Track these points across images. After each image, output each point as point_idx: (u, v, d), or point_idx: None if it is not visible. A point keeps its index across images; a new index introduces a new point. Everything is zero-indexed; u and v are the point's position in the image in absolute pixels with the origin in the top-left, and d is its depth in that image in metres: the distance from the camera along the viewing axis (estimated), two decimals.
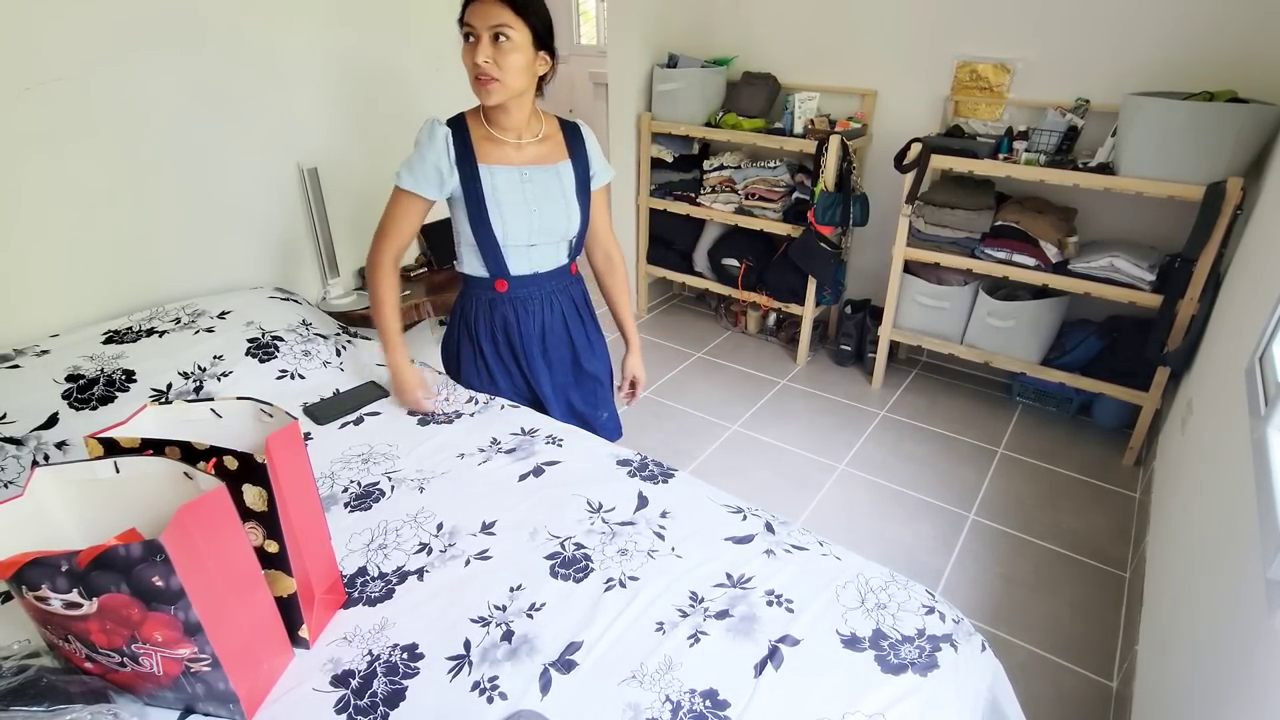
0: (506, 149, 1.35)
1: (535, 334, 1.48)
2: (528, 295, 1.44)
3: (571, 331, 1.52)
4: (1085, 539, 2.08)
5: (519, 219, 1.35)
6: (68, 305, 1.60)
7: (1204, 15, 2.19)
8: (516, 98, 1.30)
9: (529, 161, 1.37)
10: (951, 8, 2.62)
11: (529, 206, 1.36)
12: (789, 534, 1.18)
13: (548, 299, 1.47)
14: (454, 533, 1.17)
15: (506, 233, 1.36)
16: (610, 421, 1.66)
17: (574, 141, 1.43)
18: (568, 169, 1.41)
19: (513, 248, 1.38)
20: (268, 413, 0.99)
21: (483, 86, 1.25)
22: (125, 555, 0.74)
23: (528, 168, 1.36)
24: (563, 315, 1.50)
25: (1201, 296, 2.11)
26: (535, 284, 1.44)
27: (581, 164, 1.42)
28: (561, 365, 1.55)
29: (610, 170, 1.50)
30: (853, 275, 3.15)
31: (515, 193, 1.34)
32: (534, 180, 1.36)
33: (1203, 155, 2.02)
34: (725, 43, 3.21)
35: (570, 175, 1.41)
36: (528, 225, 1.36)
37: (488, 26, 1.22)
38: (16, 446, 1.25)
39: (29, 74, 1.43)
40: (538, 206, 1.37)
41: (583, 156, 1.43)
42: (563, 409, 1.58)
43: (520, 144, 1.36)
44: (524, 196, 1.35)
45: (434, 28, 2.20)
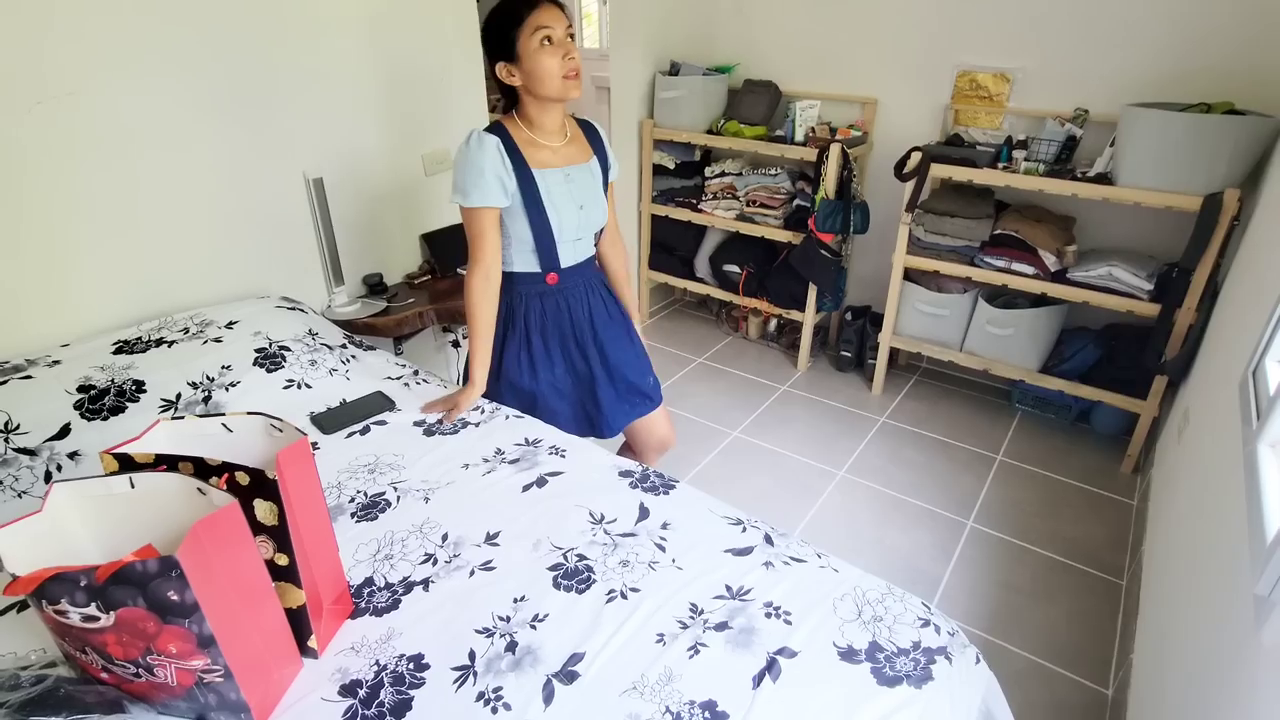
0: (545, 152, 1.42)
1: (586, 319, 1.57)
2: (574, 284, 1.54)
3: (610, 311, 1.62)
4: (1083, 546, 2.10)
5: (571, 215, 1.45)
6: (77, 315, 1.62)
7: (1202, 28, 2.21)
8: (562, 103, 1.41)
9: (567, 162, 1.45)
10: (952, 17, 2.64)
11: (576, 203, 1.45)
12: (788, 546, 1.20)
13: (589, 285, 1.57)
14: (459, 543, 1.19)
15: (562, 229, 1.44)
16: (657, 385, 1.74)
17: (594, 139, 1.53)
18: (596, 166, 1.50)
19: (564, 242, 1.48)
20: (278, 427, 1.02)
21: (575, 81, 1.35)
22: (142, 570, 0.77)
23: (569, 168, 1.45)
24: (601, 298, 1.61)
25: (1199, 306, 2.13)
26: (579, 273, 1.54)
27: (603, 160, 1.53)
28: (617, 343, 1.62)
29: (618, 164, 1.59)
30: (853, 282, 3.17)
31: (564, 192, 1.43)
32: (575, 179, 1.45)
33: (1200, 166, 2.04)
34: (727, 50, 3.23)
35: (599, 171, 1.51)
36: (577, 220, 1.46)
37: (564, 29, 1.32)
38: (30, 457, 1.28)
39: (40, 88, 1.45)
40: (584, 202, 1.47)
41: (603, 153, 1.53)
42: (620, 387, 1.63)
43: (555, 146, 1.43)
44: (570, 194, 1.44)
45: (440, 38, 2.23)
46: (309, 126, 1.95)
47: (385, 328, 2.05)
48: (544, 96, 1.37)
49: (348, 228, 2.11)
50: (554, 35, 1.31)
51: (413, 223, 2.33)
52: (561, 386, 1.60)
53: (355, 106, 2.05)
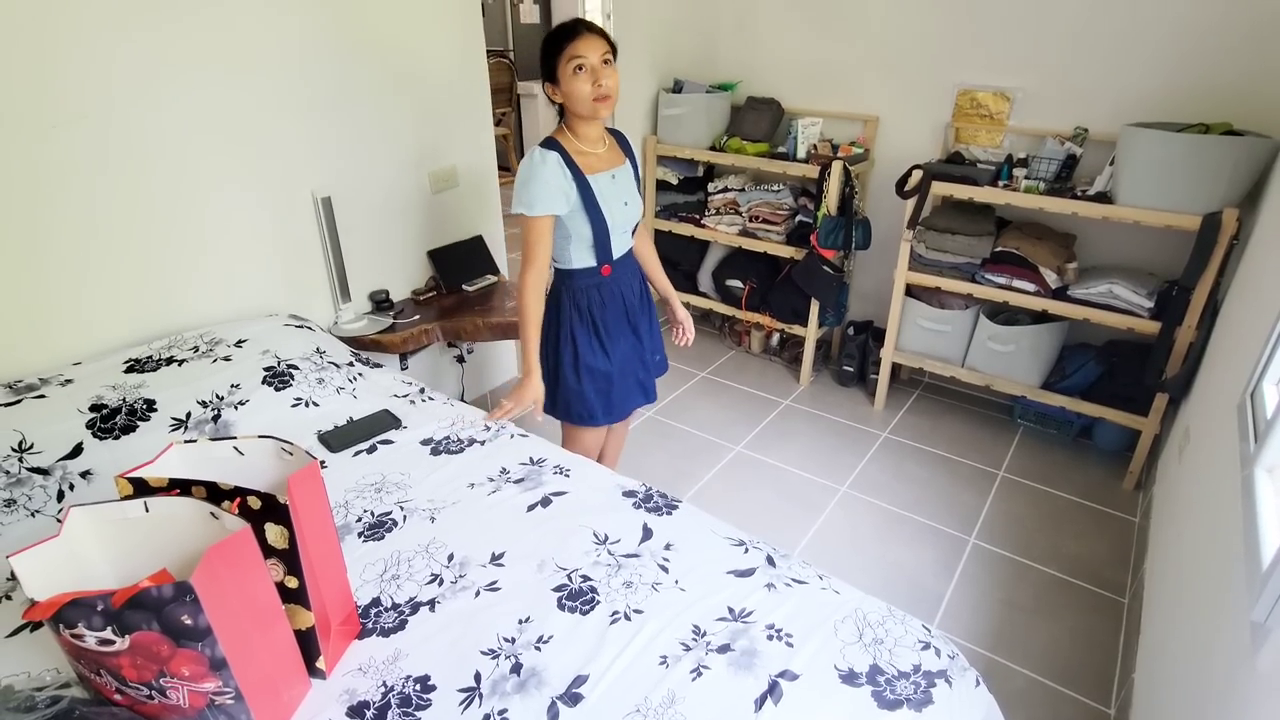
0: (592, 158, 1.59)
1: (636, 298, 1.75)
2: (623, 272, 1.71)
3: (646, 291, 1.82)
4: (1085, 564, 2.10)
5: (619, 212, 1.62)
6: (89, 332, 1.65)
7: (1200, 49, 2.23)
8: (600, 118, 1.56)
9: (610, 165, 1.62)
10: (952, 37, 2.67)
11: (622, 200, 1.63)
12: (789, 567, 1.21)
13: (632, 271, 1.75)
14: (464, 564, 1.21)
15: (614, 224, 1.61)
16: (663, 360, 1.92)
17: (624, 144, 1.71)
18: (629, 167, 1.68)
19: (615, 236, 1.64)
20: (288, 450, 1.04)
21: (604, 104, 1.51)
22: (157, 595, 0.78)
23: (613, 170, 1.62)
24: (640, 280, 1.80)
25: (1199, 324, 2.14)
26: (625, 263, 1.72)
27: (633, 161, 1.72)
28: (654, 320, 1.84)
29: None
30: (855, 297, 3.19)
31: (612, 192, 1.61)
32: (618, 180, 1.63)
33: (1199, 186, 2.06)
34: (730, 68, 3.27)
35: (631, 171, 1.69)
36: (624, 215, 1.64)
37: (599, 56, 1.47)
38: (43, 476, 1.30)
39: (57, 111, 1.49)
40: (627, 199, 1.65)
41: (632, 155, 1.72)
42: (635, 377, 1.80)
43: (599, 152, 1.61)
44: (617, 193, 1.62)
45: (448, 60, 2.26)
46: (318, 146, 1.98)
47: (391, 344, 2.08)
48: (578, 115, 1.55)
49: (355, 245, 2.14)
50: (586, 63, 1.47)
51: (419, 239, 2.36)
52: (626, 364, 1.76)
53: (364, 126, 2.09)
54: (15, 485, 1.27)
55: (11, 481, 1.27)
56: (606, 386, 1.73)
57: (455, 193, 2.42)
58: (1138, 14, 2.30)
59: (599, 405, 1.73)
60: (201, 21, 1.67)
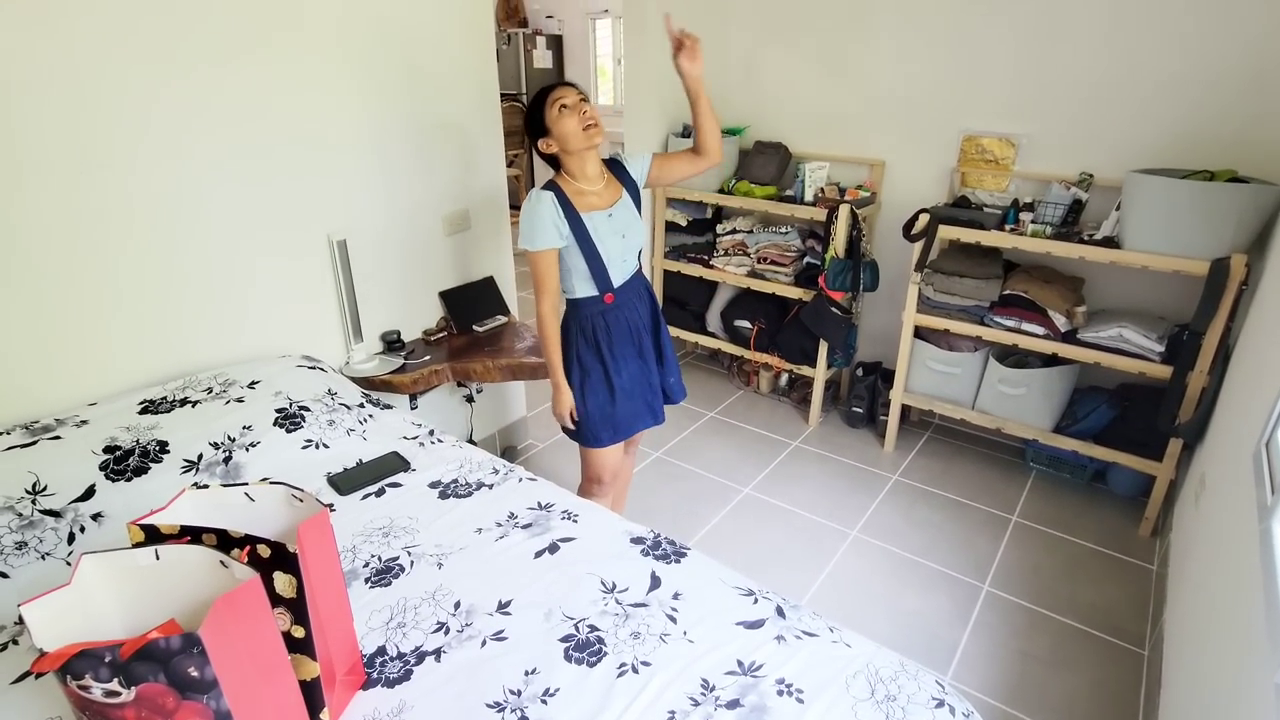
0: (590, 197, 1.70)
1: (636, 327, 1.82)
2: (627, 298, 1.79)
3: (651, 321, 1.87)
4: (1103, 613, 2.06)
5: (616, 245, 1.72)
6: (105, 373, 1.67)
7: (1203, 97, 2.26)
8: (591, 150, 1.67)
9: (609, 202, 1.72)
10: (956, 85, 2.73)
11: (620, 234, 1.73)
12: (800, 619, 1.19)
13: (639, 294, 1.83)
14: (471, 611, 1.20)
15: (610, 258, 1.71)
16: (679, 384, 1.97)
17: (620, 173, 1.78)
18: (626, 198, 1.76)
19: (613, 267, 1.73)
20: (298, 497, 1.04)
21: (595, 132, 1.64)
22: (165, 647, 0.78)
23: (611, 207, 1.72)
24: (649, 305, 1.87)
25: (1211, 369, 2.13)
26: (629, 288, 1.80)
27: (632, 188, 1.78)
28: (651, 344, 1.88)
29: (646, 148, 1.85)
30: (864, 338, 3.20)
31: (608, 227, 1.71)
32: (617, 215, 1.73)
33: (1206, 232, 2.07)
34: (738, 113, 3.34)
35: (632, 200, 1.77)
36: (621, 247, 1.74)
37: (576, 97, 1.64)
38: (55, 519, 1.31)
39: (86, 159, 1.54)
40: (625, 231, 1.74)
41: (630, 182, 1.78)
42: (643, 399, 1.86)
43: (597, 189, 1.71)
44: (613, 228, 1.72)
45: (463, 105, 2.33)
46: (333, 189, 2.03)
47: (402, 385, 2.09)
48: (573, 150, 1.65)
49: (367, 286, 2.17)
50: (568, 102, 1.63)
51: (431, 280, 2.39)
52: (634, 386, 1.83)
53: (380, 170, 2.14)
54: (27, 528, 1.27)
55: (24, 524, 1.27)
56: (612, 410, 1.81)
57: (467, 234, 2.47)
58: (1140, 62, 2.34)
59: (604, 428, 1.82)
60: (230, 76, 1.73)
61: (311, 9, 1.86)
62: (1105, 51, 2.40)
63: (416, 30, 2.13)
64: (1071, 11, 2.43)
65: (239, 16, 1.72)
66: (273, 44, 1.80)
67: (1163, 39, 2.29)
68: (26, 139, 1.45)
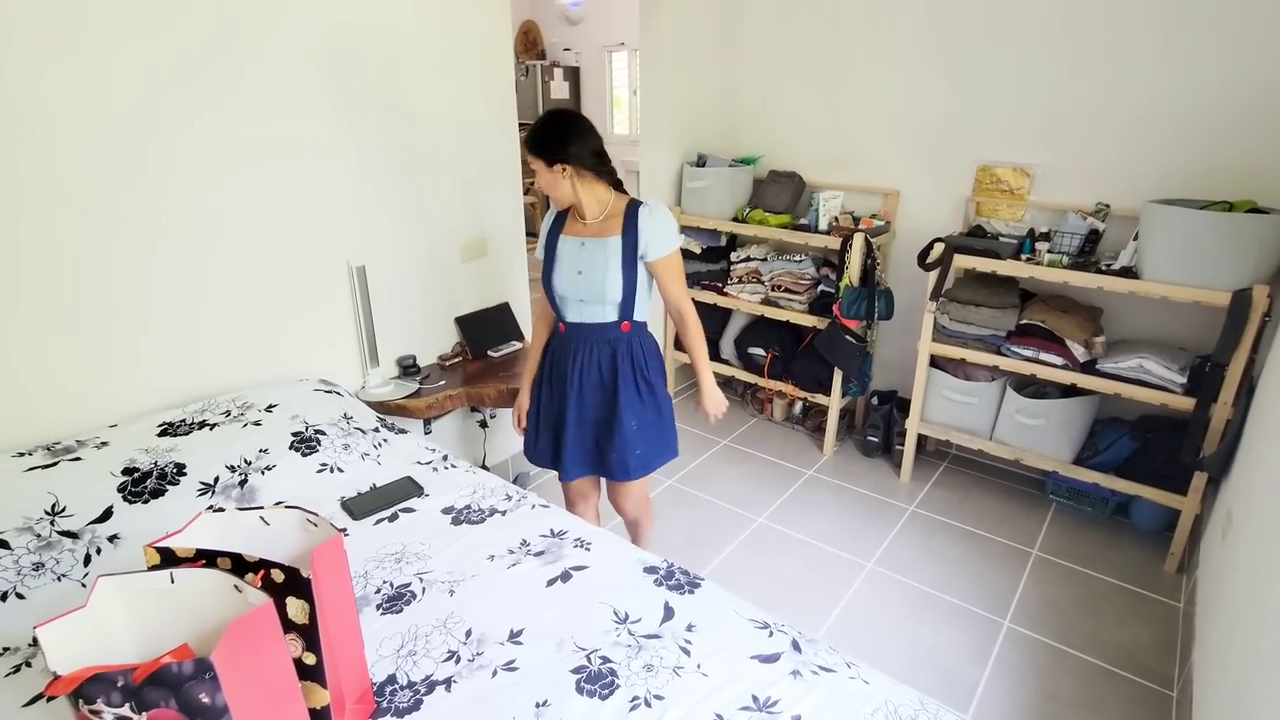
0: (579, 224, 1.70)
1: (574, 369, 1.75)
2: (572, 338, 1.75)
3: (609, 376, 1.75)
4: (1128, 652, 2.00)
5: (567, 277, 1.69)
6: (127, 395, 1.69)
7: (1221, 127, 2.26)
8: (568, 196, 1.65)
9: (590, 235, 1.68)
10: (970, 115, 2.74)
11: (577, 269, 1.67)
12: (816, 653, 1.17)
13: (589, 344, 1.74)
14: (482, 640, 1.19)
15: (559, 285, 1.71)
16: (636, 464, 1.79)
17: (630, 220, 1.66)
18: (616, 243, 1.65)
19: (565, 300, 1.72)
20: (313, 522, 1.04)
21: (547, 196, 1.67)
22: (178, 672, 0.78)
23: (588, 239, 1.68)
24: (600, 361, 1.74)
25: (1236, 401, 2.09)
26: (581, 332, 1.73)
27: (630, 239, 1.65)
28: (593, 400, 1.77)
29: (668, 245, 1.68)
30: (879, 366, 3.18)
31: (571, 257, 1.68)
32: (588, 249, 1.67)
33: (1227, 262, 2.05)
34: (752, 143, 3.37)
35: (617, 248, 1.65)
36: (573, 284, 1.68)
37: (531, 165, 1.67)
38: (72, 540, 1.32)
39: (113, 186, 1.58)
40: (584, 269, 1.67)
41: (633, 233, 1.65)
42: (582, 436, 1.80)
43: (588, 222, 1.68)
44: (575, 260, 1.68)
45: (482, 136, 2.37)
46: (354, 217, 2.07)
47: (417, 410, 2.10)
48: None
49: (385, 311, 2.20)
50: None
51: (447, 306, 2.42)
52: (543, 414, 1.84)
53: (399, 199, 2.18)
54: (45, 549, 1.28)
55: (42, 545, 1.28)
56: (535, 435, 1.85)
57: (484, 261, 2.49)
58: (1156, 92, 2.35)
59: (532, 447, 1.87)
60: (258, 108, 1.78)
61: (337, 44, 1.91)
62: (1120, 82, 2.41)
63: (439, 63, 2.18)
64: (1086, 42, 2.45)
65: (269, 54, 1.77)
66: (300, 79, 1.85)
67: (1178, 69, 2.30)
68: (57, 166, 1.49)
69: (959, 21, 2.70)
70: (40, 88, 1.44)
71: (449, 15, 2.18)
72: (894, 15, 2.84)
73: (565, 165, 1.60)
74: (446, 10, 2.17)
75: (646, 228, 1.65)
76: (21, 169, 1.45)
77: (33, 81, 1.43)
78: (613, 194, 1.69)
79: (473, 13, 2.25)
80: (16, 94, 1.42)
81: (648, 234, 1.65)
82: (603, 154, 1.64)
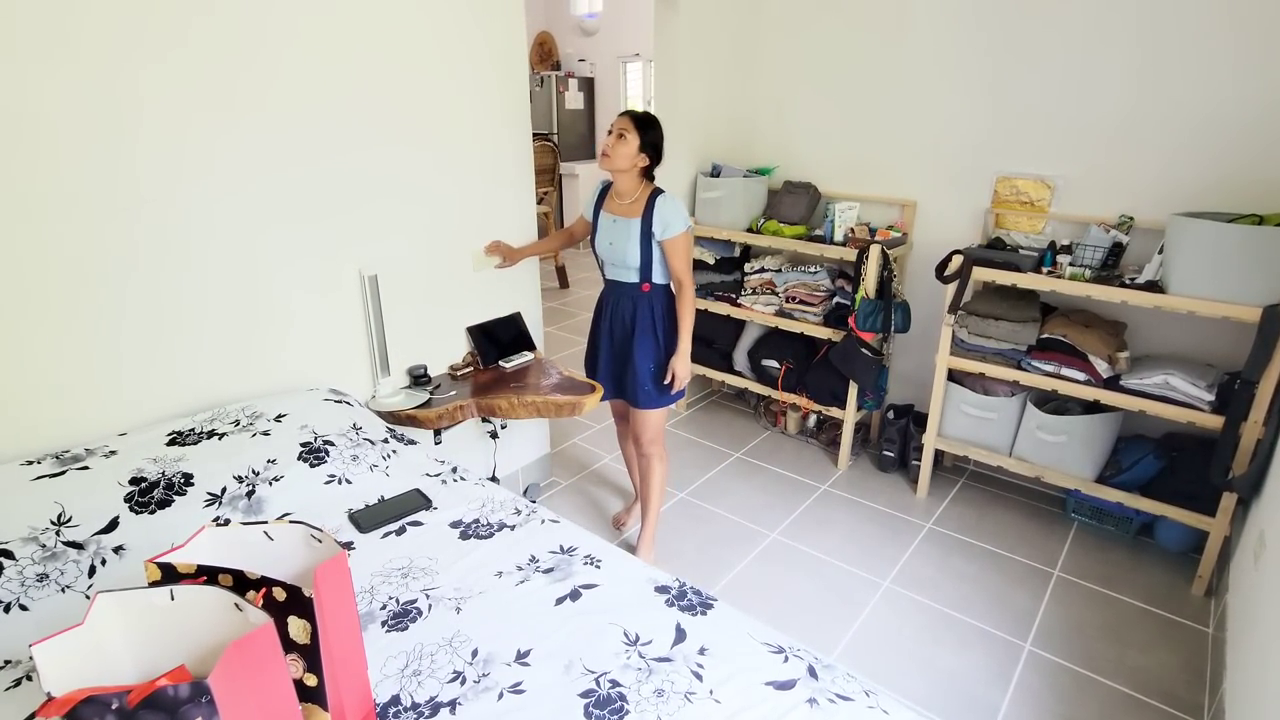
0: (614, 203, 2.14)
1: (607, 315, 2.25)
2: (609, 291, 2.25)
3: (631, 324, 2.19)
4: (1155, 678, 1.93)
5: (603, 245, 2.16)
6: (138, 404, 1.68)
7: (1245, 139, 2.21)
8: (623, 173, 2.06)
9: (619, 214, 2.11)
10: (990, 126, 2.71)
11: (609, 240, 2.14)
12: (833, 680, 1.13)
13: (621, 298, 2.20)
14: (488, 661, 1.15)
15: (598, 251, 2.20)
16: (644, 397, 2.21)
17: (649, 207, 2.06)
18: (636, 224, 2.07)
19: (604, 261, 2.20)
20: (317, 538, 1.02)
21: (603, 160, 2.06)
22: (173, 695, 0.75)
23: (618, 217, 2.11)
24: (624, 312, 2.20)
25: (1267, 420, 2.03)
26: (614, 287, 2.22)
27: (647, 221, 2.06)
28: (619, 340, 2.23)
29: (674, 229, 2.05)
30: (895, 380, 3.13)
31: (606, 230, 2.15)
32: (617, 225, 2.11)
33: (1257, 277, 1.99)
34: (767, 153, 3.35)
35: (636, 228, 2.07)
36: (607, 251, 2.16)
37: (617, 127, 2.05)
38: (77, 550, 1.30)
39: (127, 195, 1.58)
40: (614, 241, 2.12)
41: (649, 217, 2.06)
42: (611, 366, 2.28)
43: (620, 202, 2.11)
44: (609, 236, 2.14)
45: (494, 149, 2.36)
46: (367, 226, 2.06)
47: (427, 420, 2.08)
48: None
49: (397, 321, 2.18)
50: (611, 127, 2.07)
51: (459, 315, 2.40)
52: (599, 354, 2.30)
53: (412, 207, 2.17)
54: (50, 559, 1.27)
55: (46, 555, 1.27)
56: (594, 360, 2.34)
57: (495, 270, 2.48)
58: (1179, 103, 2.31)
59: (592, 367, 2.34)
60: (273, 118, 1.77)
61: (353, 55, 1.91)
62: (1143, 92, 2.37)
63: (454, 74, 2.18)
64: (1109, 52, 2.41)
65: (286, 65, 1.77)
66: (315, 90, 1.85)
67: (1202, 80, 2.25)
68: (68, 174, 1.49)
69: (979, 32, 2.66)
70: (56, 96, 1.44)
71: (464, 26, 2.18)
72: (913, 26, 2.82)
73: (645, 153, 2.04)
74: (462, 21, 2.17)
75: (660, 214, 2.05)
76: (33, 176, 1.45)
77: (47, 90, 1.43)
78: (644, 185, 2.09)
79: (488, 24, 2.25)
80: (27, 101, 1.42)
81: (661, 219, 2.05)
82: (658, 160, 2.08)
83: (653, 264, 2.10)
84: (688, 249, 2.09)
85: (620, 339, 2.21)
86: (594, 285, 5.81)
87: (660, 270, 2.12)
